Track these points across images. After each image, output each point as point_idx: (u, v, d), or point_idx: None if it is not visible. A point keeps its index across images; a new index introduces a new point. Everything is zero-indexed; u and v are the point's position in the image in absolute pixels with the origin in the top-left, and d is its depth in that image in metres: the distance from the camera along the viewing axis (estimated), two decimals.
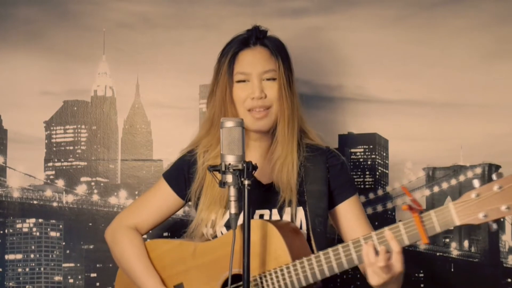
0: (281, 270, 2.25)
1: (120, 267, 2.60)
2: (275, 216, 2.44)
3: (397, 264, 2.11)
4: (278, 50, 2.47)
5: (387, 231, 2.12)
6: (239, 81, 2.46)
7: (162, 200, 2.58)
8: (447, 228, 2.05)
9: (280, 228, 2.28)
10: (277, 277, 2.25)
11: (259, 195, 2.42)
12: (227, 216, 2.44)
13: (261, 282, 2.28)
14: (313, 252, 2.33)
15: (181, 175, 2.55)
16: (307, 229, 2.42)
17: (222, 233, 2.45)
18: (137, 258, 2.52)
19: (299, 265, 2.23)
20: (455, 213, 2.01)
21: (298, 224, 2.44)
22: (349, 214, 2.47)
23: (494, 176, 1.98)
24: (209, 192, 2.46)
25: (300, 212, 2.44)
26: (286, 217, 2.44)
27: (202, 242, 2.45)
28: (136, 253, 2.53)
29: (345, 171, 2.50)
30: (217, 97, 2.48)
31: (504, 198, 1.96)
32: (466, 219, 2.01)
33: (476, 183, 1.99)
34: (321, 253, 2.21)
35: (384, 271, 2.11)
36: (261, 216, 2.44)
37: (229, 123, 2.17)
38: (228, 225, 2.44)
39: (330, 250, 2.20)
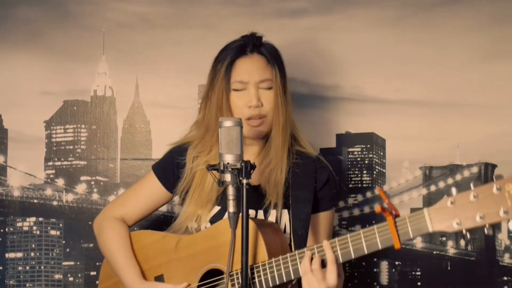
0: (257, 267, 2.27)
1: (104, 256, 2.63)
2: (260, 217, 2.48)
3: (331, 275, 2.15)
4: (274, 58, 2.50)
5: (325, 241, 2.16)
6: (236, 90, 2.48)
7: (150, 192, 2.61)
8: (419, 234, 2.04)
9: (261, 226, 2.31)
10: (252, 274, 2.27)
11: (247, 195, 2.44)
12: (213, 212, 2.49)
13: (238, 278, 2.29)
14: None
15: (170, 170, 2.58)
16: (290, 232, 2.45)
17: (206, 228, 2.47)
18: (119, 249, 2.55)
19: (274, 263, 2.25)
20: (429, 220, 2.00)
21: (282, 226, 2.47)
22: (316, 227, 2.50)
23: (471, 185, 1.97)
24: (197, 192, 2.50)
25: (285, 215, 2.47)
26: (271, 219, 2.47)
27: (185, 236, 2.47)
28: (119, 243, 2.56)
29: (330, 185, 2.53)
30: (213, 103, 2.50)
31: (479, 207, 1.94)
32: (440, 226, 1.99)
33: (453, 191, 1.99)
34: (296, 252, 2.24)
35: (318, 278, 2.14)
36: None
37: (228, 123, 2.19)
38: (213, 221, 2.47)
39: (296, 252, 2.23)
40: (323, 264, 2.17)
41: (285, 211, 2.47)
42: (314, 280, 2.15)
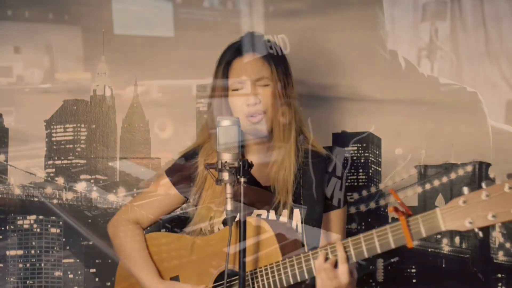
0: (271, 267, 2.28)
1: (120, 259, 2.64)
2: (272, 217, 2.47)
3: (343, 274, 2.18)
4: (271, 55, 2.51)
5: (338, 241, 2.18)
6: (234, 90, 2.50)
7: (164, 196, 2.61)
8: (432, 233, 2.05)
9: (273, 226, 2.32)
10: (266, 274, 2.29)
11: (258, 196, 2.45)
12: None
13: (252, 279, 2.31)
14: None
15: (183, 173, 2.58)
16: (302, 231, 2.45)
17: (219, 230, 2.48)
18: (135, 251, 2.57)
19: (288, 263, 2.26)
20: (442, 219, 2.01)
21: (294, 226, 2.47)
22: (329, 225, 2.52)
23: (483, 184, 1.98)
24: (209, 193, 2.50)
25: (297, 214, 2.47)
26: (283, 219, 2.47)
27: (200, 237, 2.48)
28: (135, 246, 2.58)
29: (342, 184, 2.54)
30: (215, 105, 2.53)
31: (491, 206, 1.95)
32: (452, 225, 2.01)
33: (465, 190, 1.99)
34: (310, 252, 2.25)
35: (330, 276, 2.17)
36: (259, 216, 2.46)
37: (225, 122, 2.19)
38: (226, 222, 2.45)
39: (318, 249, 2.24)
40: (337, 263, 2.19)
41: (297, 211, 2.47)
42: (327, 278, 2.19)
